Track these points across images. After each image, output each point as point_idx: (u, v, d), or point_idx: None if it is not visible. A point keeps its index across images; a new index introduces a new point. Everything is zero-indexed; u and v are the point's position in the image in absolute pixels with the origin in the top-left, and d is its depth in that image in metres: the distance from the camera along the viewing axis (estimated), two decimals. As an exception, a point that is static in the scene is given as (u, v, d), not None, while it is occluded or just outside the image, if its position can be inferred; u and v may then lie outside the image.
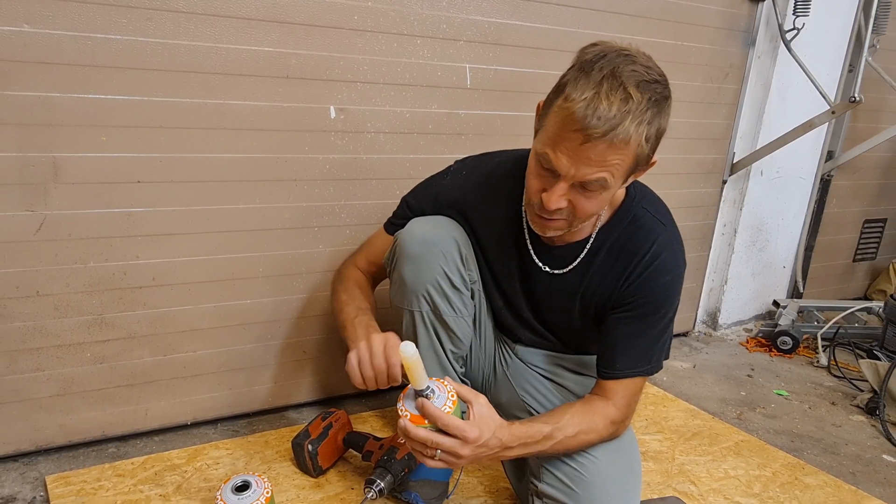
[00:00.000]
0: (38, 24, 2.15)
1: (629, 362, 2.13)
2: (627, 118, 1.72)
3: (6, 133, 2.18)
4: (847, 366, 4.04)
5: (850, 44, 4.20)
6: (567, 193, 1.86)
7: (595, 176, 1.80)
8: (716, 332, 4.42)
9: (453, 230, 2.26)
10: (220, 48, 2.43)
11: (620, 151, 1.76)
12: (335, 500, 2.37)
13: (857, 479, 2.84)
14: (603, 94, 1.71)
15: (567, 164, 1.79)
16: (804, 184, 4.46)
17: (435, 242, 2.21)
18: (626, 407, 2.15)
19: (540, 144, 1.86)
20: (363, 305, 2.28)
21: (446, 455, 1.87)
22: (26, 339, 2.39)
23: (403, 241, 2.23)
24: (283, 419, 2.93)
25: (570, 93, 1.74)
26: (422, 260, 2.21)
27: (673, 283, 2.16)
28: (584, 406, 2.12)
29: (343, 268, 2.48)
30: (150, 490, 2.35)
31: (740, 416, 3.33)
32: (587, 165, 1.78)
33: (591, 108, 1.70)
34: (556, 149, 1.79)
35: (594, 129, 1.70)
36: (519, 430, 1.97)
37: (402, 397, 1.91)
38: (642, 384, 2.19)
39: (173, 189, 2.48)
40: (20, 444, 2.49)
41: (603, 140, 1.72)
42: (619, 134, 1.72)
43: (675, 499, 2.52)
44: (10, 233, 2.27)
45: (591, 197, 1.87)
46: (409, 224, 2.26)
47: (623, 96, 1.71)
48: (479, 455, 1.91)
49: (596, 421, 2.08)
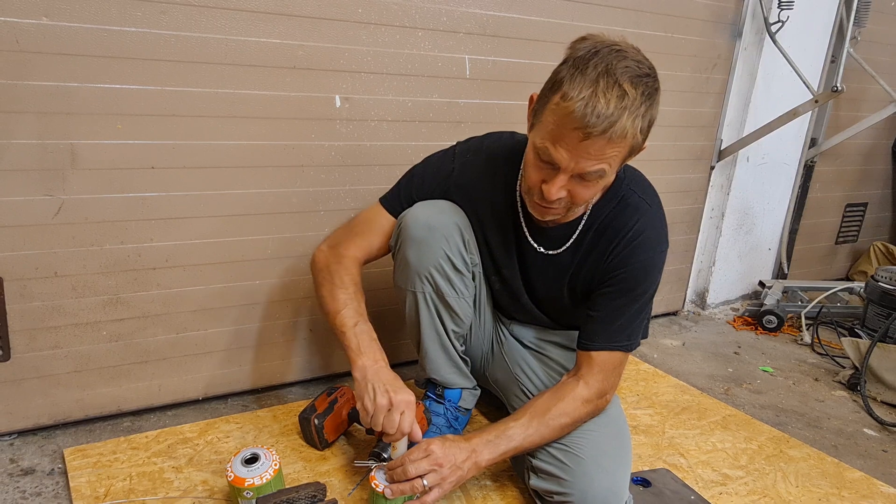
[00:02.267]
0: (56, 17, 2.15)
1: (607, 336, 2.16)
2: (624, 114, 1.73)
3: (27, 121, 2.19)
4: (829, 343, 4.05)
5: (833, 36, 4.19)
6: (566, 185, 1.88)
7: (594, 168, 1.82)
8: (704, 312, 4.43)
9: (456, 215, 2.27)
10: (230, 40, 2.43)
11: (618, 145, 1.79)
12: (340, 471, 2.38)
13: (839, 451, 2.85)
14: (600, 92, 1.72)
15: (567, 158, 1.81)
16: (788, 170, 4.47)
17: (438, 227, 2.22)
18: (600, 382, 2.16)
19: (539, 139, 1.86)
20: (361, 310, 2.26)
21: (432, 476, 1.97)
22: (45, 318, 2.39)
23: (408, 226, 2.23)
24: (290, 394, 2.94)
25: (568, 91, 1.75)
26: (425, 244, 2.22)
27: (653, 260, 2.17)
28: (552, 394, 2.16)
29: (333, 257, 2.37)
30: (163, 462, 2.36)
31: (727, 391, 3.34)
32: (586, 159, 1.80)
33: (590, 107, 1.71)
34: (557, 144, 1.81)
35: (594, 126, 1.72)
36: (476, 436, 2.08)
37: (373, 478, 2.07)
38: (620, 359, 2.20)
39: (186, 175, 2.49)
40: (39, 418, 2.50)
41: (602, 136, 1.74)
42: (618, 130, 1.74)
43: (665, 471, 2.53)
44: (30, 216, 2.27)
45: (589, 186, 1.90)
46: (414, 208, 2.26)
47: (619, 93, 1.73)
48: (449, 453, 2.01)
49: (564, 406, 2.11)
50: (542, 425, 2.08)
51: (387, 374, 2.10)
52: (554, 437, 2.11)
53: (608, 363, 2.16)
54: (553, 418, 2.09)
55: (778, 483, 2.54)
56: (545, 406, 2.11)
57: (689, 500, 2.37)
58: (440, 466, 1.96)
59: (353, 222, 2.42)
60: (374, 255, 2.40)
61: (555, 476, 2.08)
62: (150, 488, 2.21)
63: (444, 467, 1.97)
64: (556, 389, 2.17)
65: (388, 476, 2.02)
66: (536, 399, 2.16)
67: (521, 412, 2.13)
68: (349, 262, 2.33)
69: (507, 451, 2.07)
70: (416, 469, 1.96)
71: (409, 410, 2.04)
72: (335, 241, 2.39)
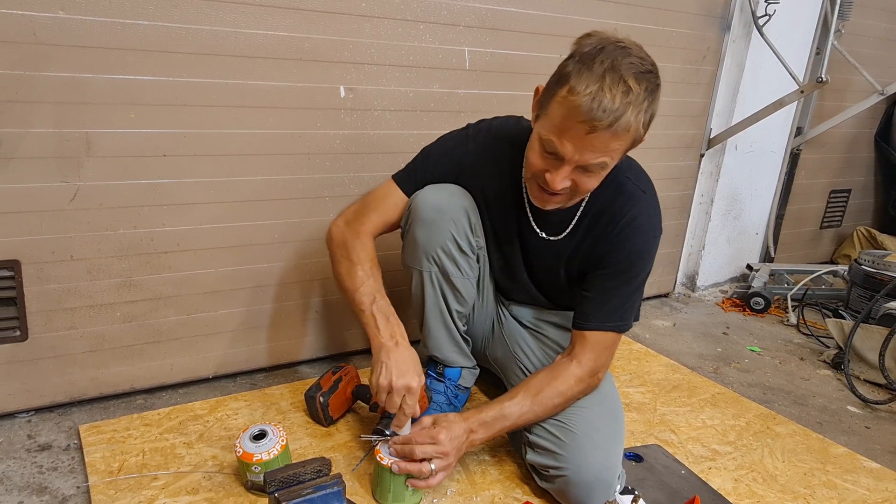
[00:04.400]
0: (72, 11, 2.15)
1: (601, 317, 2.17)
2: (629, 109, 1.75)
3: (44, 110, 2.19)
4: (814, 324, 4.06)
5: (818, 29, 4.19)
6: (570, 175, 1.89)
7: (598, 160, 1.83)
8: (694, 294, 4.43)
9: (465, 199, 2.28)
10: (239, 33, 2.43)
11: (621, 139, 1.81)
12: (344, 447, 2.39)
13: (823, 428, 2.86)
14: (606, 88, 1.73)
15: (572, 150, 1.82)
16: (775, 157, 4.47)
17: (447, 210, 2.23)
18: (593, 361, 2.18)
19: (545, 131, 1.87)
20: (378, 286, 2.25)
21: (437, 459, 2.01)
22: (61, 299, 2.40)
23: (418, 207, 2.24)
24: (297, 373, 2.95)
25: (575, 85, 1.76)
26: (434, 225, 2.23)
27: (646, 245, 2.19)
28: (546, 374, 2.18)
29: (350, 233, 2.35)
30: (174, 438, 2.37)
31: (717, 370, 3.34)
32: (591, 152, 1.81)
33: (597, 102, 1.73)
34: (562, 137, 1.82)
35: (600, 121, 1.74)
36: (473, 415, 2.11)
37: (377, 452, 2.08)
38: (613, 340, 2.22)
39: (196, 162, 2.49)
40: (55, 396, 2.50)
41: (608, 130, 1.76)
42: (622, 124, 1.76)
43: (656, 447, 2.53)
44: (47, 202, 2.28)
45: (592, 176, 1.91)
46: (425, 191, 2.27)
47: (624, 89, 1.74)
48: (454, 440, 2.03)
49: (558, 385, 2.13)
50: (535, 404, 2.10)
51: (400, 355, 2.08)
52: (547, 415, 2.13)
53: (601, 343, 2.18)
54: (547, 398, 2.11)
55: (765, 458, 2.55)
56: (539, 385, 2.13)
57: (679, 474, 2.37)
58: (446, 455, 2.00)
59: (368, 198, 2.40)
60: (388, 230, 2.41)
61: (551, 451, 2.10)
62: (162, 463, 2.22)
63: (449, 455, 2.01)
64: (550, 369, 2.19)
65: (394, 451, 2.04)
66: (531, 378, 2.18)
67: (516, 391, 2.14)
68: (365, 237, 2.33)
69: (501, 429, 2.11)
70: (423, 452, 1.98)
71: (409, 395, 2.05)
72: (350, 217, 2.37)
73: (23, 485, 2.11)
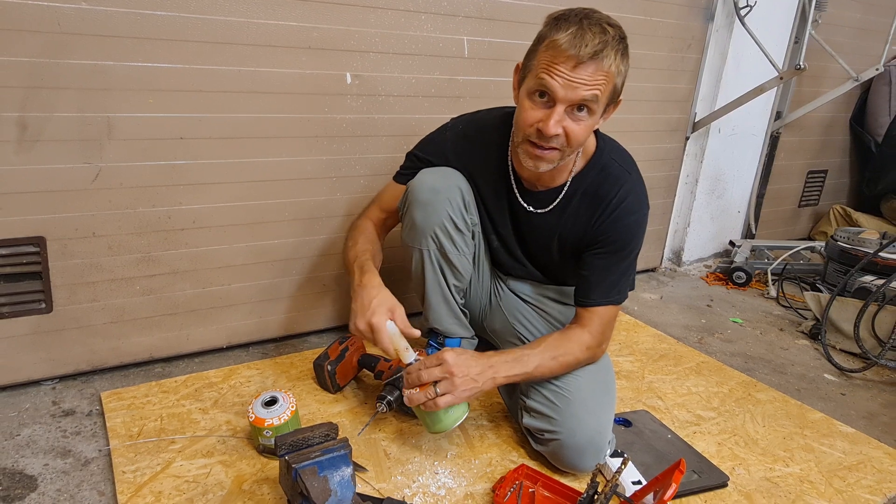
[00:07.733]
0: (94, 2, 2.15)
1: (602, 293, 2.18)
2: (608, 45, 1.84)
3: (68, 96, 2.19)
4: (793, 297, 4.06)
5: (796, 19, 4.19)
6: (562, 120, 1.91)
7: (588, 94, 1.87)
8: (680, 268, 4.43)
9: (458, 179, 2.29)
10: (251, 22, 2.42)
11: (605, 74, 1.87)
12: (351, 413, 2.40)
13: (801, 395, 2.87)
14: (585, 28, 1.84)
15: (562, 86, 1.86)
16: (756, 140, 4.47)
17: (442, 190, 2.25)
18: (599, 333, 2.19)
19: (533, 80, 1.93)
20: (363, 248, 2.29)
21: (444, 383, 1.96)
22: (84, 274, 2.40)
23: (415, 189, 2.26)
24: (306, 343, 2.95)
25: (555, 34, 1.86)
26: (430, 206, 2.24)
27: (637, 222, 2.21)
28: (561, 334, 2.17)
29: (356, 220, 2.50)
30: (191, 404, 2.38)
31: (701, 340, 3.35)
32: (580, 85, 1.86)
33: (578, 37, 1.82)
34: (551, 75, 1.87)
35: (584, 53, 1.81)
36: (496, 355, 2.08)
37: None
38: (614, 312, 2.23)
39: (211, 144, 2.49)
40: (78, 364, 2.51)
41: (592, 61, 1.83)
42: (605, 56, 1.84)
43: (645, 412, 2.54)
44: (71, 182, 2.28)
45: (581, 123, 1.93)
46: (420, 174, 2.29)
47: (601, 30, 1.84)
48: (461, 365, 1.98)
49: (572, 347, 2.14)
50: (552, 359, 2.09)
51: (364, 295, 2.06)
52: (558, 372, 2.13)
53: (605, 316, 2.19)
54: (562, 355, 2.11)
55: (746, 423, 2.56)
56: (556, 343, 2.13)
57: (666, 438, 2.38)
58: (451, 375, 1.95)
59: (375, 196, 2.51)
60: (391, 218, 2.47)
61: (546, 416, 2.11)
62: (178, 428, 2.23)
63: (455, 376, 1.95)
64: (564, 332, 2.20)
65: (406, 381, 2.02)
66: (548, 336, 2.17)
67: (537, 343, 2.14)
68: (364, 221, 2.44)
69: (521, 373, 2.07)
70: (429, 375, 1.96)
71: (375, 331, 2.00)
72: (360, 213, 2.51)
73: (48, 448, 2.11)
